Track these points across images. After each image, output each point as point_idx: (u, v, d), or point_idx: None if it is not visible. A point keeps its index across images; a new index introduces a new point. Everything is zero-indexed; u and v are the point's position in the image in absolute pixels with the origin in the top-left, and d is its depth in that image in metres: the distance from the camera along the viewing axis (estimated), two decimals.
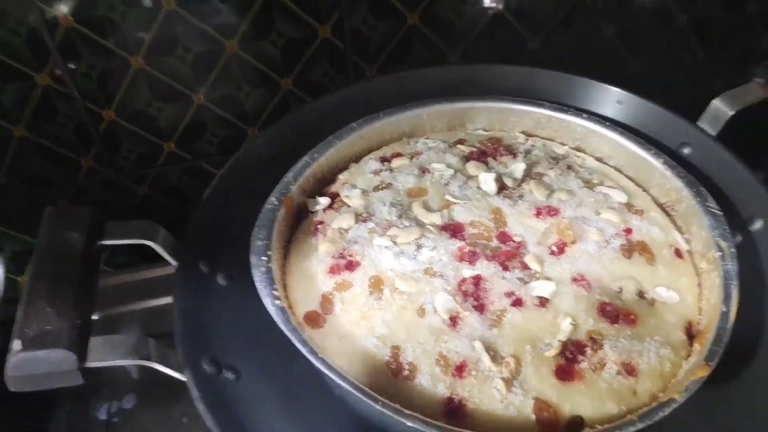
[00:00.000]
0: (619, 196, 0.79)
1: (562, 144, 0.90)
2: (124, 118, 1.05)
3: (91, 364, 0.57)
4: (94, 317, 0.64)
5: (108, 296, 1.06)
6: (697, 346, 0.66)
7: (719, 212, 0.74)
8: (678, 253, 0.74)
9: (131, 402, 0.87)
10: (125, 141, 1.08)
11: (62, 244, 0.61)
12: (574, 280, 0.69)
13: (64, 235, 0.61)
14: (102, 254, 0.67)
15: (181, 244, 0.72)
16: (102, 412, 0.86)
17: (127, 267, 1.15)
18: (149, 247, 0.72)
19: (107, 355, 0.58)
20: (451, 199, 0.78)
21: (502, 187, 0.80)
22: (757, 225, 0.76)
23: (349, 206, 0.79)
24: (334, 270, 0.72)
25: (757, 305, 0.70)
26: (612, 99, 0.91)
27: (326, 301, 0.69)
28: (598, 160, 0.88)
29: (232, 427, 0.60)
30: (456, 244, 0.73)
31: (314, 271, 0.72)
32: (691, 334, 0.67)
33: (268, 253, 0.70)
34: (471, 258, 0.71)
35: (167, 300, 0.82)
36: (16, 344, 0.52)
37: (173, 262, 0.71)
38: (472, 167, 0.82)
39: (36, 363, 0.53)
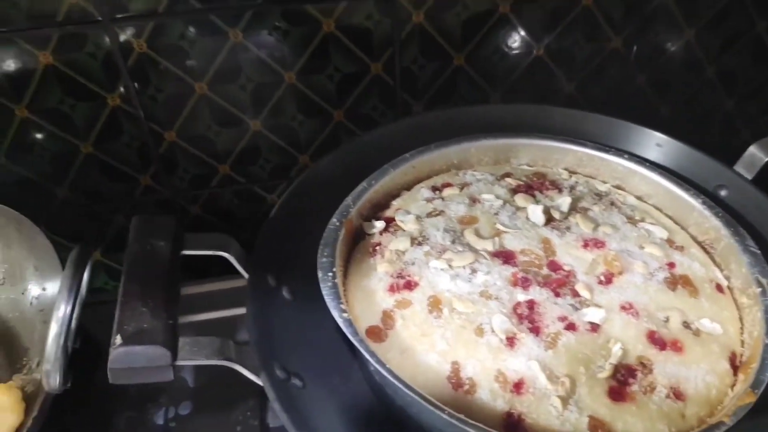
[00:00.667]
0: (661, 233, 0.84)
1: (604, 182, 0.95)
2: (183, 139, 1.11)
3: (181, 362, 0.61)
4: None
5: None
6: (741, 376, 0.69)
7: (758, 251, 0.78)
8: (719, 288, 0.78)
9: (187, 408, 0.90)
10: (183, 162, 1.14)
11: (150, 251, 0.66)
12: (623, 308, 0.73)
13: (152, 242, 0.66)
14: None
15: (251, 257, 0.77)
16: (159, 417, 0.89)
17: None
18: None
19: (195, 354, 0.62)
20: (502, 228, 0.83)
21: (549, 219, 0.85)
22: None
23: (404, 230, 0.84)
24: (393, 288, 0.76)
25: None
26: (651, 142, 0.96)
27: (387, 317, 0.73)
28: (638, 198, 0.92)
29: (304, 429, 0.63)
30: (509, 270, 0.77)
31: (374, 288, 0.77)
32: (734, 365, 0.71)
33: (333, 269, 0.75)
34: (524, 283, 0.75)
35: (236, 311, 0.86)
36: (117, 339, 0.57)
37: (245, 274, 0.75)
38: (520, 199, 0.87)
39: (134, 357, 0.57)
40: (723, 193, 0.90)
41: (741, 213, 0.87)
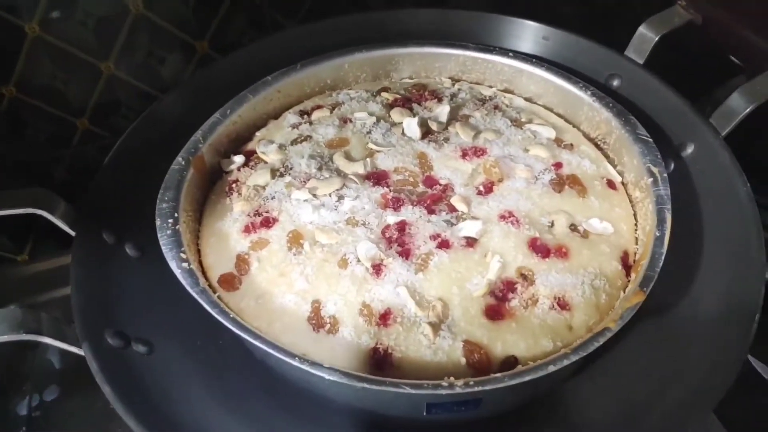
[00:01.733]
0: (548, 132, 0.76)
1: (490, 87, 0.86)
2: (26, 93, 0.97)
3: None
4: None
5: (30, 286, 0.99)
6: (633, 276, 0.63)
7: (649, 139, 0.71)
8: (611, 184, 0.72)
9: (53, 394, 0.81)
10: (31, 119, 1.00)
11: None
12: (502, 217, 0.65)
13: None
14: None
15: (80, 213, 0.66)
16: (22, 407, 0.80)
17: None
18: None
19: None
20: (374, 147, 0.74)
21: (427, 132, 0.76)
22: (689, 150, 0.74)
23: (265, 162, 0.74)
24: (248, 228, 0.67)
25: (696, 229, 0.68)
26: (537, 36, 0.88)
27: (241, 262, 0.64)
28: (527, 100, 0.84)
29: (139, 401, 0.55)
30: (379, 191, 0.68)
31: (228, 231, 0.67)
32: (627, 265, 0.65)
33: (175, 215, 0.65)
34: (395, 204, 0.67)
35: None
36: None
37: (71, 233, 0.65)
38: (396, 114, 0.78)
39: None
40: (615, 83, 0.83)
41: (634, 101, 0.80)
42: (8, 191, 0.63)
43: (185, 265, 0.60)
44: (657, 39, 0.80)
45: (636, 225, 0.69)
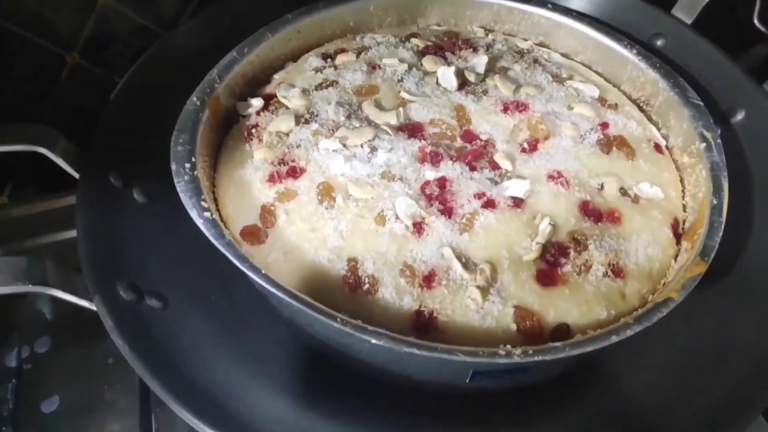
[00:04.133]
0: (591, 91, 0.71)
1: (525, 40, 0.80)
2: (11, 21, 0.88)
3: None
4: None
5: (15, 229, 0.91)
6: (685, 244, 0.59)
7: (700, 103, 0.67)
8: (658, 148, 0.68)
9: (45, 346, 0.74)
10: (18, 50, 0.91)
11: None
12: (551, 177, 0.61)
13: None
14: None
15: (87, 153, 0.59)
16: (11, 359, 0.73)
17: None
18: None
19: None
20: (407, 97, 0.68)
21: (463, 83, 0.70)
22: (739, 116, 0.70)
23: (287, 107, 0.68)
24: (273, 178, 0.61)
25: (746, 199, 0.65)
26: None
27: (267, 214, 0.59)
28: (564, 56, 0.79)
29: (158, 359, 0.49)
30: (416, 144, 0.63)
31: (250, 180, 0.61)
32: (677, 233, 0.61)
33: (192, 159, 0.58)
34: (434, 159, 0.62)
35: None
36: None
37: (75, 175, 0.58)
38: (428, 62, 0.72)
39: None
40: (659, 42, 0.78)
41: (680, 64, 0.75)
42: (5, 125, 0.56)
43: (207, 214, 0.54)
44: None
45: (683, 192, 0.65)
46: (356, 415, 0.56)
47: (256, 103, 0.68)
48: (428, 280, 0.53)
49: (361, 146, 0.62)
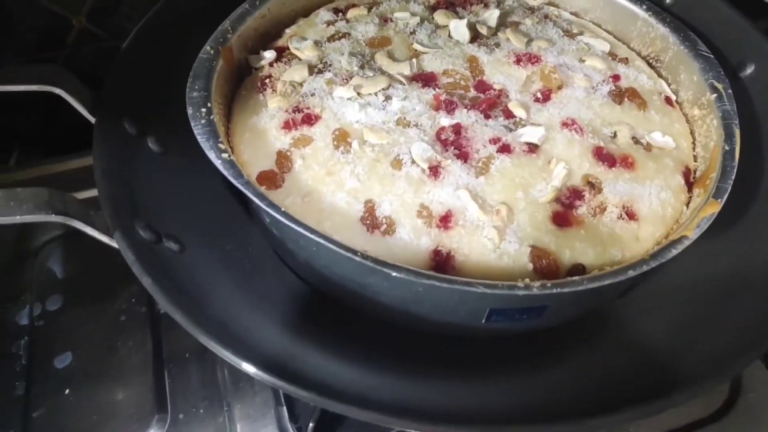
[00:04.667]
0: (602, 45, 0.72)
1: None
2: None
3: None
4: None
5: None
6: (696, 191, 0.60)
7: (710, 55, 0.68)
8: (668, 100, 0.68)
9: (57, 303, 0.74)
10: (21, 14, 0.90)
11: None
12: (565, 124, 0.61)
13: None
14: None
15: (101, 94, 0.59)
16: (23, 316, 0.73)
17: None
18: None
19: (12, 209, 0.45)
20: (420, 48, 0.68)
21: (475, 36, 0.70)
22: (749, 70, 0.71)
23: (300, 59, 0.68)
24: (288, 125, 0.61)
25: (756, 152, 0.65)
26: None
27: (283, 159, 0.59)
28: (574, 14, 0.79)
29: (181, 297, 0.50)
30: (430, 93, 0.63)
31: (265, 127, 0.61)
32: (688, 181, 0.62)
33: (208, 105, 0.58)
34: (448, 107, 0.62)
35: None
36: None
37: (90, 118, 0.58)
38: (440, 16, 0.72)
39: None
40: (669, 0, 0.78)
41: (689, 20, 0.75)
42: (20, 66, 0.56)
43: (225, 155, 0.54)
44: None
45: (693, 143, 0.66)
46: (371, 358, 0.56)
47: (269, 55, 0.68)
48: (445, 220, 0.54)
49: (376, 95, 0.62)
